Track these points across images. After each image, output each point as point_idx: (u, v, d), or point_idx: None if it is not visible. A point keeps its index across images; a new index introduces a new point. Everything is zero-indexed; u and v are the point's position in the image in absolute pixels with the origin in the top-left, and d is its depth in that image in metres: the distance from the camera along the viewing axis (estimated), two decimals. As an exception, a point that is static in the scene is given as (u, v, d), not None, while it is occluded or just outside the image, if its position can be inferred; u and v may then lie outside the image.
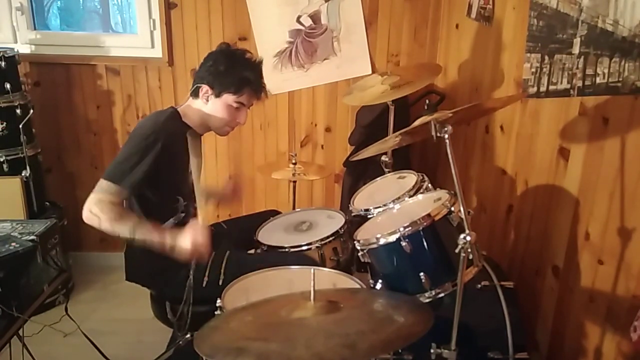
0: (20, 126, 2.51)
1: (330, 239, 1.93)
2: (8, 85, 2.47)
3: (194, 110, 1.82)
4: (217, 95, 1.78)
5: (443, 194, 1.60)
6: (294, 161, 2.46)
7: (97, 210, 1.58)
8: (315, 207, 2.83)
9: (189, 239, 1.61)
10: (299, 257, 1.85)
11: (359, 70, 2.90)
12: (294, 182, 2.51)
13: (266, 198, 3.12)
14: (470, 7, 2.44)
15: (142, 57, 2.90)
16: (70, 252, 2.94)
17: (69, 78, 2.90)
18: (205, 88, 1.78)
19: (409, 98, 2.79)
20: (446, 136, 1.34)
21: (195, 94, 1.81)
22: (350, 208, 1.98)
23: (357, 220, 1.86)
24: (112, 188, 1.61)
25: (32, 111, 2.58)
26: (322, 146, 3.07)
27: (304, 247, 1.90)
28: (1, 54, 2.45)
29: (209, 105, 1.80)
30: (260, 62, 1.84)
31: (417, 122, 1.43)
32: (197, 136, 1.88)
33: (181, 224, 1.83)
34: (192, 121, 1.83)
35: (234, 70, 1.77)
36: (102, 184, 1.62)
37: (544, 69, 1.74)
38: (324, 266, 1.83)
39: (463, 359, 1.39)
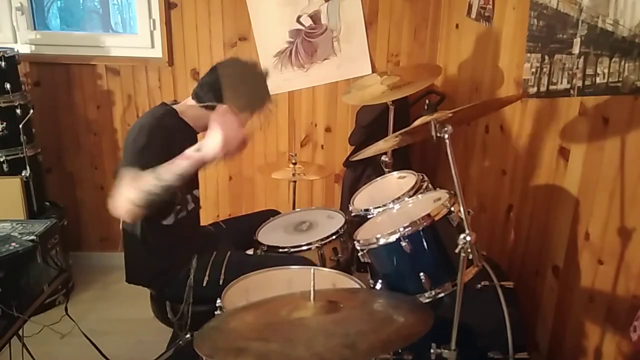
0: (20, 126, 2.50)
1: (330, 239, 1.93)
2: (8, 85, 2.47)
3: (199, 115, 1.80)
4: (236, 115, 1.78)
5: (443, 194, 1.60)
6: (294, 161, 2.46)
7: (117, 191, 1.51)
8: (315, 207, 2.83)
9: (219, 133, 1.46)
10: (299, 259, 1.85)
11: (359, 70, 2.90)
12: (294, 182, 2.51)
13: (266, 198, 3.12)
14: (470, 7, 2.44)
15: (142, 57, 2.90)
16: (70, 252, 2.93)
17: (69, 78, 2.90)
18: (224, 108, 1.73)
19: (409, 98, 2.79)
20: (446, 136, 1.34)
21: (210, 107, 1.76)
22: (350, 208, 1.98)
23: (357, 220, 1.86)
24: (130, 171, 1.52)
25: (32, 111, 2.58)
26: (322, 146, 3.07)
27: (304, 247, 1.90)
28: (1, 54, 2.45)
29: None
30: (268, 74, 1.86)
31: (417, 122, 1.43)
32: (194, 132, 1.87)
33: (180, 219, 1.83)
34: (193, 121, 1.81)
35: (255, 92, 1.79)
36: (125, 172, 1.53)
37: (544, 69, 1.74)
38: (324, 266, 1.83)
39: (463, 359, 1.39)
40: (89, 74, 2.90)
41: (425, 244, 1.44)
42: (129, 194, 1.48)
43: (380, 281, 1.55)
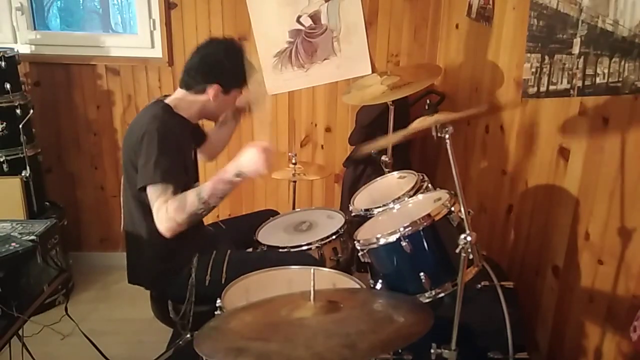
0: (20, 126, 2.50)
1: (330, 239, 1.93)
2: (8, 85, 2.47)
3: (191, 103, 1.80)
4: (227, 93, 1.80)
5: (443, 194, 1.60)
6: (294, 161, 2.46)
7: (163, 215, 1.59)
8: (315, 207, 2.83)
9: (258, 164, 1.62)
10: (300, 255, 1.85)
11: (359, 70, 2.89)
12: (294, 182, 2.51)
13: (266, 198, 3.12)
14: (470, 7, 2.44)
15: (142, 57, 2.90)
16: (70, 252, 2.93)
17: (69, 78, 2.90)
18: (215, 87, 1.77)
19: (409, 98, 2.79)
20: (447, 136, 1.34)
21: (200, 92, 1.79)
22: (350, 208, 1.98)
23: (357, 220, 1.86)
24: (158, 189, 1.60)
25: (32, 111, 2.58)
26: (322, 146, 3.07)
27: (304, 247, 1.90)
28: (1, 54, 2.45)
29: (217, 101, 1.80)
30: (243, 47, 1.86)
31: (415, 124, 1.43)
32: (191, 125, 1.88)
33: None
34: (188, 113, 1.81)
35: (239, 66, 1.78)
36: (149, 193, 1.62)
37: (544, 69, 1.74)
38: (324, 266, 1.83)
39: (463, 359, 1.39)
40: (89, 74, 2.90)
41: (425, 244, 1.44)
42: (176, 216, 1.59)
43: (380, 281, 1.55)
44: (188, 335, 1.70)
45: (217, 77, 1.76)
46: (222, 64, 1.77)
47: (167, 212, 1.58)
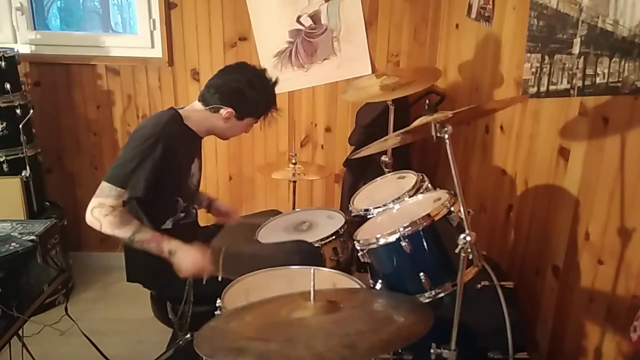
0: (20, 126, 2.50)
1: (330, 239, 1.93)
2: (8, 85, 2.47)
3: (202, 118, 1.82)
4: (240, 119, 1.82)
5: (443, 194, 1.60)
6: (294, 161, 2.46)
7: (97, 214, 1.59)
8: (315, 207, 2.83)
9: (192, 263, 1.64)
10: (297, 243, 1.86)
11: (359, 70, 2.90)
12: (294, 182, 2.51)
13: (266, 198, 3.12)
14: (470, 7, 2.44)
15: (142, 57, 2.90)
16: (70, 252, 2.94)
17: (69, 78, 2.90)
18: (229, 111, 1.78)
19: (409, 98, 2.79)
20: (446, 136, 1.34)
21: (215, 110, 1.80)
22: (350, 208, 1.98)
23: (357, 220, 1.86)
24: (113, 191, 1.61)
25: (32, 111, 2.58)
26: (322, 146, 3.07)
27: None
28: (1, 54, 2.45)
29: (228, 124, 1.82)
30: (276, 81, 1.87)
31: (416, 122, 1.43)
32: (198, 138, 1.88)
33: (179, 225, 1.83)
34: (197, 126, 1.83)
35: (262, 98, 1.81)
36: (103, 186, 1.62)
37: (544, 69, 1.74)
38: (324, 266, 1.83)
39: (463, 359, 1.39)
40: (89, 74, 2.90)
41: (425, 244, 1.44)
42: (103, 225, 1.60)
43: (380, 281, 1.55)
44: (188, 335, 1.70)
45: (233, 103, 1.78)
46: (243, 92, 1.78)
47: (102, 215, 1.59)
